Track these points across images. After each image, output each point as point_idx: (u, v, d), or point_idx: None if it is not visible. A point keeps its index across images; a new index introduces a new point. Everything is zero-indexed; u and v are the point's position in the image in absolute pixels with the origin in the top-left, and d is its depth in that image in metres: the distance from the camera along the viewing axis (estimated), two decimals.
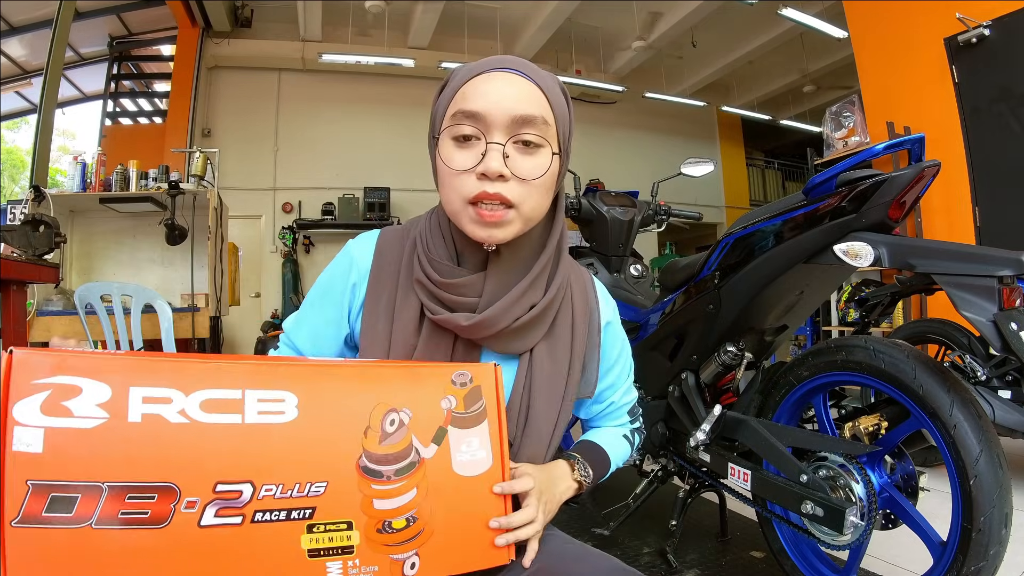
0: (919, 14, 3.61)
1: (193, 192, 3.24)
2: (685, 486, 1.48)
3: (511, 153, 0.61)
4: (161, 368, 0.49)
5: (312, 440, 0.52)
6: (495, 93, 0.61)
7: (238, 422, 0.49)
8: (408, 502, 0.54)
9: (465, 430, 0.59)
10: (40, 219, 1.97)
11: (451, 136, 0.62)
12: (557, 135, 0.64)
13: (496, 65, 0.63)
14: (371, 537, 0.52)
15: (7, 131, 10.08)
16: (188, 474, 0.47)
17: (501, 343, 0.66)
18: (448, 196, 0.63)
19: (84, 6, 5.53)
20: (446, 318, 0.64)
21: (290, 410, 0.51)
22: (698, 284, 1.33)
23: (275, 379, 0.52)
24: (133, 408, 0.46)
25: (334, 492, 0.51)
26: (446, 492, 0.56)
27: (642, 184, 1.97)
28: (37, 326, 2.79)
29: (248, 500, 0.48)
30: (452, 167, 0.61)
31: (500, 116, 0.60)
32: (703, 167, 1.79)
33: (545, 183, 0.63)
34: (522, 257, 0.67)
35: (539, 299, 0.67)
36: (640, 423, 0.88)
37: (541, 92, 0.63)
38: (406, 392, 0.57)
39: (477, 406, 0.60)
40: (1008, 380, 1.87)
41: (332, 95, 7.07)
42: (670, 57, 7.62)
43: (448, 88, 0.64)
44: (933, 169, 0.99)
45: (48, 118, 3.28)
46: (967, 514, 0.88)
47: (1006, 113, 3.20)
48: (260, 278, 6.57)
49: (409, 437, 0.55)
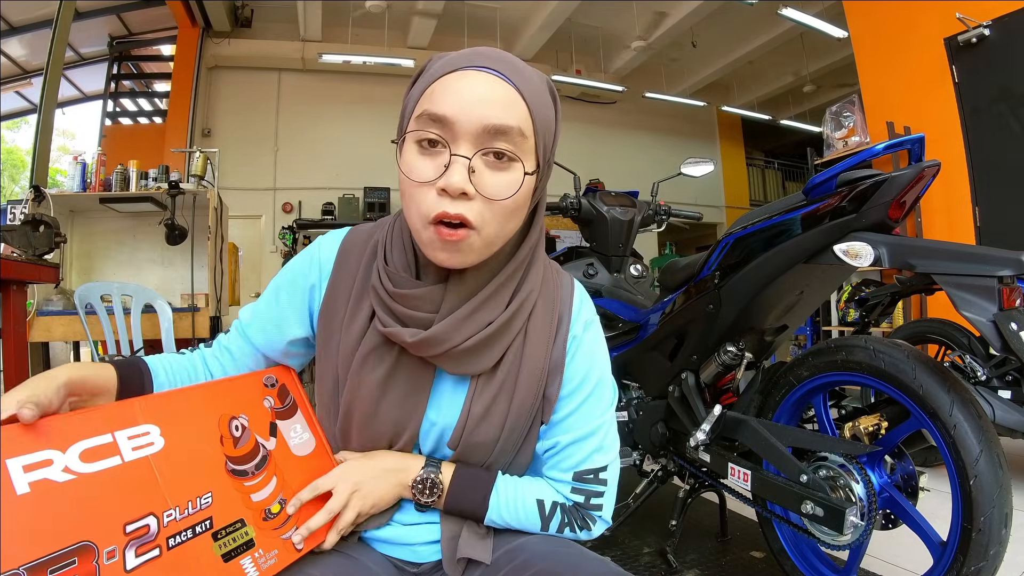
0: (919, 14, 3.61)
1: (193, 192, 3.23)
2: (685, 486, 1.48)
3: (478, 167, 0.54)
4: (27, 434, 0.47)
5: (185, 460, 0.56)
6: (467, 95, 0.53)
7: (119, 463, 0.51)
8: (274, 489, 0.62)
9: (288, 420, 0.68)
10: (40, 219, 1.97)
11: (415, 140, 0.55)
12: (536, 148, 0.57)
13: (473, 62, 0.55)
14: (261, 527, 0.58)
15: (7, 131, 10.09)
16: (96, 526, 0.47)
17: (452, 363, 0.60)
18: (408, 209, 0.57)
19: (84, 6, 5.53)
20: (393, 331, 0.59)
21: (157, 440, 0.55)
22: (698, 284, 1.33)
23: (135, 416, 0.55)
24: (18, 481, 0.45)
25: (220, 499, 0.56)
26: (295, 471, 0.65)
27: (642, 184, 1.97)
28: (37, 326, 2.79)
29: (157, 531, 0.51)
30: (411, 177, 0.54)
31: (470, 123, 0.53)
32: (703, 167, 1.79)
33: (513, 205, 0.56)
34: (486, 272, 0.61)
35: (497, 315, 0.60)
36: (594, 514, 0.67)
37: (521, 98, 0.55)
38: (236, 401, 0.64)
39: (288, 400, 0.70)
40: (1008, 380, 1.87)
41: (332, 95, 7.08)
42: (670, 57, 7.62)
43: (419, 83, 0.57)
44: (933, 169, 0.99)
45: (48, 118, 3.28)
46: (967, 514, 0.88)
47: (1006, 113, 3.20)
48: (260, 278, 6.57)
49: (254, 436, 0.63)
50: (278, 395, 0.69)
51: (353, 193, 6.62)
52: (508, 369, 0.62)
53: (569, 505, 0.66)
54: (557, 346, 0.65)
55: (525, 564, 0.60)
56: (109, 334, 2.60)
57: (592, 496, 0.66)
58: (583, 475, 0.65)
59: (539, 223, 0.64)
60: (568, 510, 0.66)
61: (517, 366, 0.63)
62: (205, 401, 0.62)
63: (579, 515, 0.66)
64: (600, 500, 0.66)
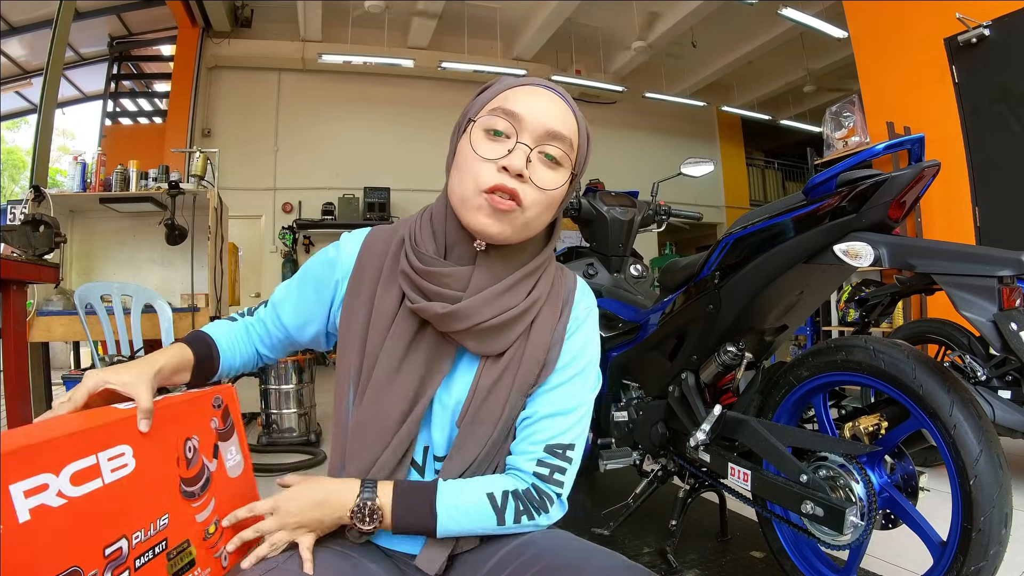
0: (919, 14, 3.61)
1: (193, 192, 3.23)
2: (685, 486, 1.48)
3: (534, 160, 0.63)
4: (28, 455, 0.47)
5: (150, 482, 0.57)
6: (536, 104, 0.64)
7: (100, 485, 0.52)
8: (212, 510, 0.65)
9: (227, 442, 0.71)
10: (40, 219, 1.97)
11: (484, 127, 0.64)
12: (575, 160, 0.67)
13: (543, 84, 0.67)
14: (200, 546, 0.62)
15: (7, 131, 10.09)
16: (82, 550, 0.48)
17: (475, 341, 0.66)
18: (462, 181, 0.63)
19: (84, 6, 5.53)
20: (423, 306, 0.64)
21: (130, 461, 0.56)
22: (698, 284, 1.33)
23: (115, 436, 0.55)
24: (20, 508, 0.44)
25: (173, 520, 0.59)
26: (227, 493, 0.68)
27: (642, 184, 1.97)
28: (37, 326, 2.79)
29: (128, 553, 0.52)
30: (479, 153, 0.62)
31: (535, 123, 0.63)
32: (703, 167, 1.79)
33: (554, 198, 0.65)
34: (509, 262, 0.67)
35: (518, 302, 0.66)
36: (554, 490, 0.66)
37: (575, 119, 0.67)
38: (190, 421, 0.66)
39: (229, 421, 0.73)
40: (1008, 380, 1.87)
41: (332, 95, 7.08)
42: (670, 57, 7.62)
43: (492, 88, 0.67)
44: (933, 169, 0.99)
45: (48, 118, 3.28)
46: (967, 514, 0.87)
47: (1006, 113, 3.20)
48: (260, 278, 6.58)
49: (201, 458, 0.65)
50: (222, 416, 0.72)
51: (353, 193, 6.62)
52: (513, 353, 0.67)
53: (523, 490, 0.65)
54: (558, 329, 0.70)
55: (534, 558, 0.60)
56: (109, 334, 2.60)
57: (556, 471, 0.66)
58: (553, 448, 0.67)
59: (558, 230, 0.73)
60: (522, 496, 0.65)
61: (522, 351, 0.67)
62: (168, 421, 0.62)
63: (535, 498, 0.65)
64: (563, 477, 0.67)
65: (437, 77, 7.05)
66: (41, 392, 2.96)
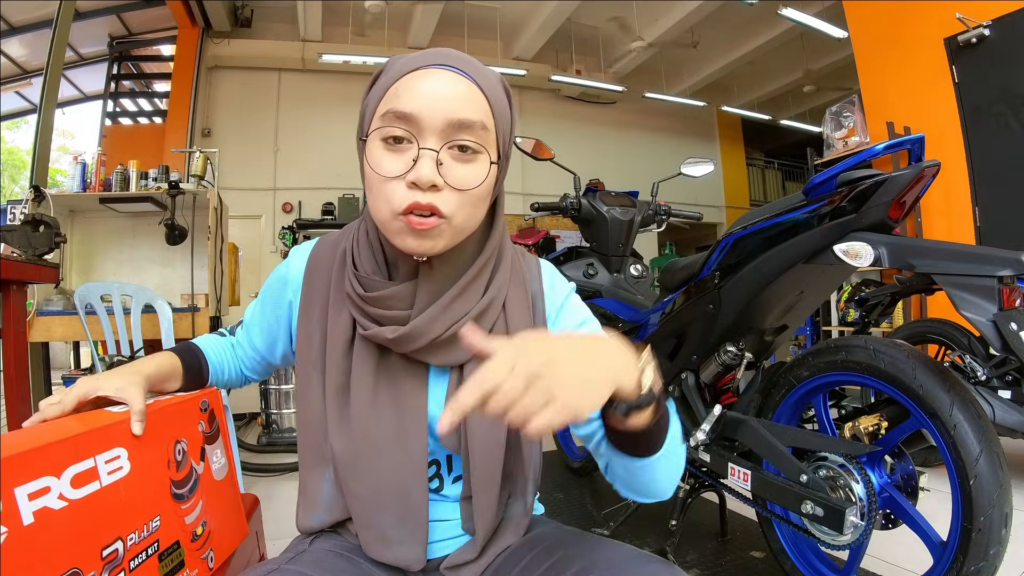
0: (919, 14, 3.61)
1: (193, 192, 3.23)
2: (685, 486, 1.48)
3: (445, 160, 0.56)
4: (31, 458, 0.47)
5: (144, 484, 0.58)
6: (431, 92, 0.55)
7: (98, 487, 0.52)
8: (200, 512, 0.66)
9: (212, 445, 0.72)
10: (40, 219, 1.97)
11: (380, 138, 0.56)
12: (497, 141, 0.59)
13: (433, 61, 0.57)
14: (188, 548, 0.62)
15: (7, 131, 10.09)
16: (81, 553, 0.48)
17: (436, 355, 0.62)
18: (376, 205, 0.57)
19: (84, 6, 5.53)
20: (373, 332, 0.61)
21: (125, 464, 0.56)
22: (698, 284, 1.33)
23: (111, 439, 0.55)
24: (24, 511, 0.45)
25: (165, 523, 0.59)
26: (213, 496, 0.69)
27: (642, 184, 1.97)
28: (37, 326, 2.79)
29: (124, 555, 0.52)
30: (380, 173, 0.56)
31: (435, 119, 0.55)
32: (703, 167, 1.79)
33: (481, 193, 0.58)
34: (455, 265, 0.62)
35: (473, 305, 0.62)
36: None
37: (482, 93, 0.57)
38: (180, 424, 0.67)
39: (215, 425, 0.73)
40: (1008, 380, 1.87)
41: (332, 95, 7.07)
42: (670, 57, 7.62)
43: (379, 83, 0.59)
44: (933, 169, 0.99)
45: (48, 118, 3.28)
46: (967, 514, 0.88)
47: (1006, 113, 3.20)
48: (260, 278, 6.57)
49: (190, 460, 0.66)
50: (208, 419, 0.73)
51: (353, 193, 6.61)
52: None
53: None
54: (537, 320, 0.67)
55: (549, 549, 0.60)
56: (109, 334, 2.60)
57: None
58: None
59: (500, 215, 0.66)
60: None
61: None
62: (160, 423, 0.63)
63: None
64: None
65: None
66: (41, 392, 2.96)
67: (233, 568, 0.72)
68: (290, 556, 0.60)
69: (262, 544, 0.93)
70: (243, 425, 3.58)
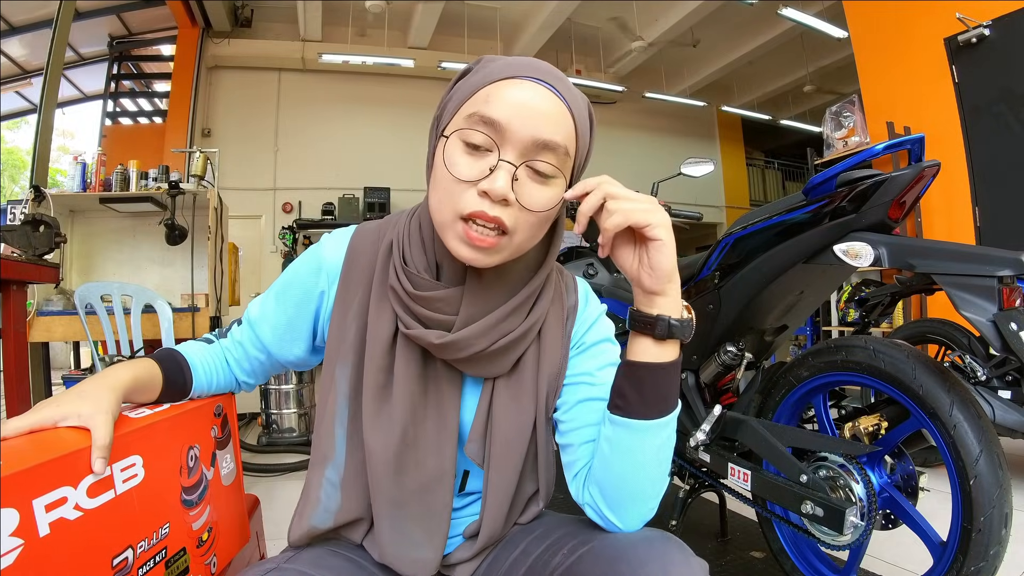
0: (919, 14, 3.61)
1: (193, 192, 3.23)
2: (685, 486, 1.48)
3: (521, 177, 0.54)
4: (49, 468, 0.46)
5: (156, 492, 0.58)
6: (522, 105, 0.53)
7: (112, 497, 0.52)
8: (207, 518, 0.66)
9: (223, 450, 0.72)
10: (40, 219, 1.97)
11: (462, 139, 0.55)
12: (573, 166, 0.58)
13: (530, 72, 0.55)
14: (193, 554, 0.62)
15: (7, 131, 10.09)
16: (92, 563, 0.48)
17: (473, 366, 0.61)
18: (440, 203, 0.56)
19: (84, 6, 5.53)
20: (418, 334, 0.59)
21: (140, 471, 0.56)
22: (698, 284, 1.33)
23: (128, 446, 0.55)
24: (41, 522, 0.44)
25: (174, 530, 0.60)
26: (220, 501, 0.69)
27: (642, 184, 1.97)
28: (37, 326, 2.79)
29: (133, 564, 0.53)
30: (454, 173, 0.54)
31: (521, 134, 0.53)
32: (703, 167, 1.79)
33: (548, 216, 0.57)
34: (504, 279, 0.61)
35: (517, 326, 0.61)
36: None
37: (571, 116, 0.56)
38: (193, 430, 0.66)
39: (227, 430, 0.73)
40: (1008, 380, 1.87)
41: (332, 95, 7.07)
42: (670, 57, 7.61)
43: (469, 81, 0.57)
44: (933, 169, 0.99)
45: (48, 118, 3.28)
46: (967, 514, 0.88)
47: (1006, 113, 3.20)
48: (260, 278, 6.56)
49: (200, 466, 0.66)
50: (221, 424, 0.72)
51: (353, 193, 6.61)
52: (528, 371, 0.64)
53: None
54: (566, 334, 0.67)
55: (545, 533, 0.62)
56: (109, 334, 2.60)
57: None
58: None
59: (559, 236, 0.65)
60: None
61: (536, 368, 0.64)
62: (175, 429, 0.62)
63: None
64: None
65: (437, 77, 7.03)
66: (41, 392, 2.96)
67: (233, 569, 0.72)
68: (289, 555, 0.60)
69: (262, 544, 0.93)
70: (243, 425, 3.58)
